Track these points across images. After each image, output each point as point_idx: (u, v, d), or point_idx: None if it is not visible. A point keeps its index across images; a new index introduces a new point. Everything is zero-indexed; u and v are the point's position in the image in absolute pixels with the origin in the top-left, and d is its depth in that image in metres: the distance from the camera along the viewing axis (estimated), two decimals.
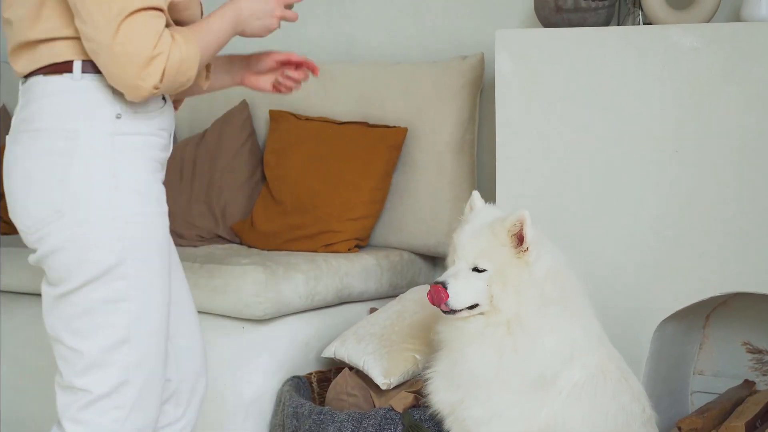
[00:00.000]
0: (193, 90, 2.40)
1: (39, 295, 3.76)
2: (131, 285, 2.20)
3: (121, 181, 2.15)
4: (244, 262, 3.53)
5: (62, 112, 2.13)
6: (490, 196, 3.13)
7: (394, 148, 3.89)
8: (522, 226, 2.65)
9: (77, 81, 2.13)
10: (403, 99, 3.97)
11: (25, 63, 2.18)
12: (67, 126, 2.12)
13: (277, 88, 2.64)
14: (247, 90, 4.29)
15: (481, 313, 2.71)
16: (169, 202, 3.98)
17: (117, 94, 2.14)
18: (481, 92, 3.94)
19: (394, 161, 3.91)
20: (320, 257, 3.68)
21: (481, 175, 3.98)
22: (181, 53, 2.10)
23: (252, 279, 3.40)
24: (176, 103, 2.47)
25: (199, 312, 3.48)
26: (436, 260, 4.02)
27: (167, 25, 2.14)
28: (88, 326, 2.19)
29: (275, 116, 4.15)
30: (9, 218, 4.38)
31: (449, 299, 2.67)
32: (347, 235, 3.84)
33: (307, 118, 4.09)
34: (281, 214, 3.95)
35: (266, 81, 2.64)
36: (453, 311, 2.70)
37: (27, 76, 2.20)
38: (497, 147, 3.42)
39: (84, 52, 2.12)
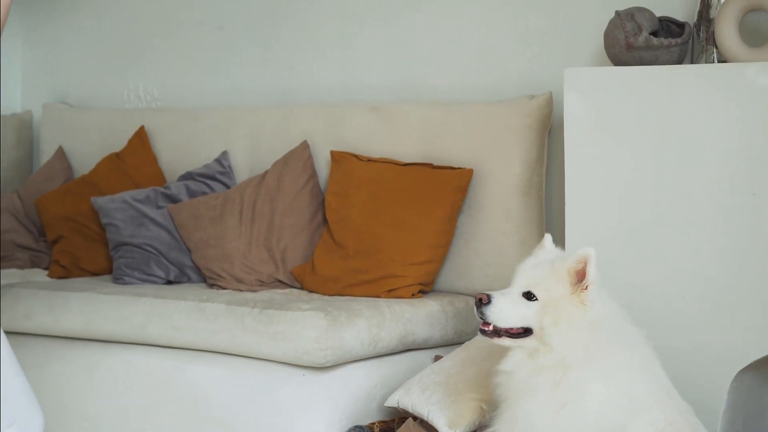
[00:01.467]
0: None
1: (95, 340, 3.84)
2: None
3: None
4: (304, 307, 3.55)
5: None
6: (558, 240, 3.13)
7: (459, 190, 3.91)
8: (586, 263, 2.72)
9: None
10: (469, 139, 3.99)
11: None
12: None
13: None
14: (308, 131, 4.35)
15: (529, 356, 2.74)
16: (227, 245, 4.05)
17: None
18: (549, 132, 3.96)
19: (459, 204, 3.93)
20: (383, 303, 3.70)
21: (549, 218, 3.98)
22: None
23: (313, 325, 3.43)
24: None
25: (258, 359, 3.53)
26: None
27: None
28: None
29: (337, 157, 4.19)
30: (65, 262, 4.50)
31: (490, 314, 2.75)
32: (411, 280, 3.86)
33: (370, 159, 4.12)
34: (343, 258, 3.98)
35: None
36: (495, 331, 2.77)
37: None
38: (566, 189, 3.43)
39: None
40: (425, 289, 3.92)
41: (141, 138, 4.80)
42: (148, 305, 3.79)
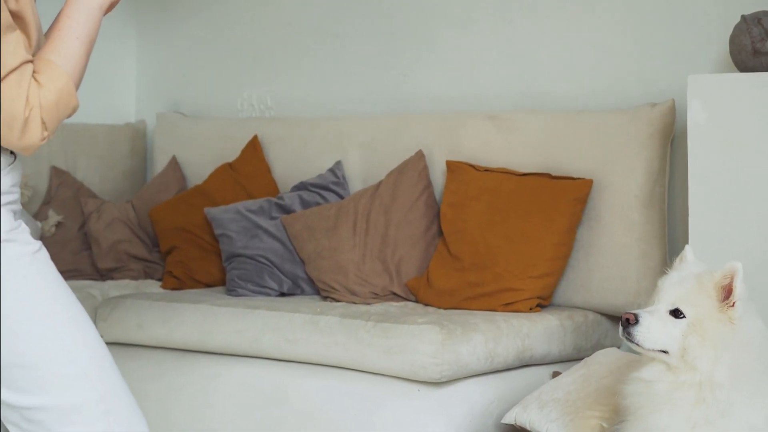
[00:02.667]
0: None
1: (208, 352, 3.91)
2: (49, 316, 2.25)
3: None
4: (420, 321, 3.58)
5: None
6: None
7: (578, 201, 3.91)
8: (732, 278, 2.67)
9: None
10: (588, 149, 3.99)
11: None
12: None
13: None
14: (423, 140, 4.37)
15: (669, 369, 2.71)
16: (341, 256, 4.08)
17: None
18: (671, 141, 3.93)
19: (578, 215, 3.93)
20: (500, 317, 3.72)
21: (671, 230, 3.96)
22: (51, 95, 2.16)
23: (428, 339, 3.46)
24: None
25: (373, 373, 3.57)
26: None
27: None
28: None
29: (453, 167, 4.22)
30: (178, 273, 4.59)
31: (638, 335, 2.71)
32: (528, 294, 3.87)
33: (487, 170, 4.14)
34: (459, 271, 4.00)
35: None
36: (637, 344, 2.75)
37: None
38: (690, 200, 3.41)
39: None
40: (543, 302, 3.93)
41: (254, 148, 4.88)
42: (261, 318, 3.86)
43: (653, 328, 2.72)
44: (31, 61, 2.15)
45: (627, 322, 2.74)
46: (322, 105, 5.02)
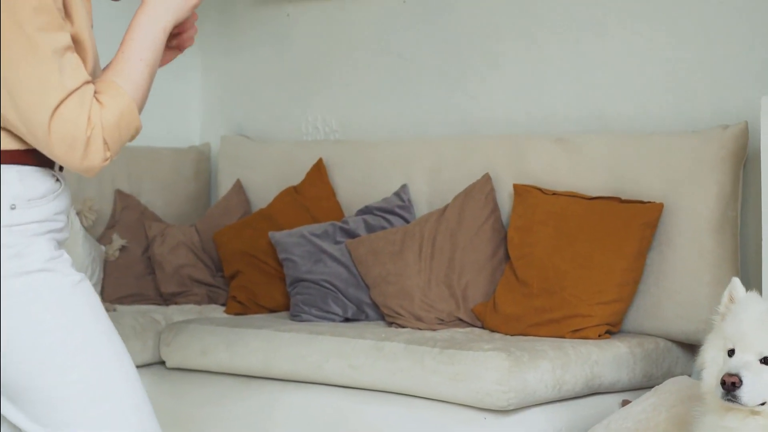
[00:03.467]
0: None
1: (272, 378, 3.94)
2: (90, 353, 2.26)
3: (27, 265, 2.20)
4: (486, 347, 3.59)
5: None
6: (755, 281, 3.10)
7: (648, 226, 3.90)
8: None
9: None
10: (658, 172, 3.98)
11: None
12: None
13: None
14: (490, 163, 4.38)
15: (753, 414, 2.68)
16: (406, 281, 4.09)
17: (8, 183, 2.20)
18: (744, 164, 3.91)
19: (648, 240, 3.92)
20: (568, 343, 3.72)
21: (744, 256, 3.93)
22: (113, 116, 2.17)
23: (495, 366, 3.47)
24: None
25: (438, 400, 3.58)
26: (694, 349, 3.98)
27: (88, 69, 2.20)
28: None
29: (520, 191, 4.22)
30: (242, 298, 4.63)
31: (744, 396, 2.64)
32: (597, 320, 3.86)
33: (554, 193, 4.14)
34: (526, 297, 4.01)
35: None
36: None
37: None
38: (763, 225, 3.39)
39: None
40: (612, 329, 3.92)
41: (319, 171, 4.91)
42: (325, 343, 3.89)
43: (757, 386, 2.65)
44: (92, 82, 2.18)
45: (733, 386, 2.64)
46: (387, 127, 5.05)
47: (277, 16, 5.44)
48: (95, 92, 2.17)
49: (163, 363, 4.32)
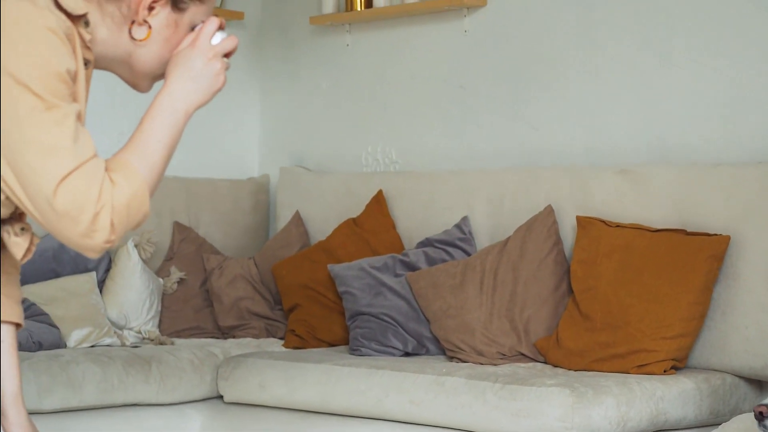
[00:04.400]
0: None
1: (331, 413, 3.97)
2: None
3: None
4: (549, 383, 3.59)
5: None
6: None
7: (715, 259, 3.89)
8: None
9: None
10: (725, 204, 3.97)
11: None
12: None
13: None
14: (553, 195, 4.39)
15: None
16: (467, 315, 4.10)
17: None
18: None
19: (715, 273, 3.91)
20: (633, 379, 3.71)
21: None
22: (124, 196, 2.02)
23: (558, 402, 3.47)
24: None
25: None
26: (762, 385, 3.96)
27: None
28: None
29: (583, 223, 4.23)
30: (301, 331, 4.66)
31: None
32: (663, 355, 3.85)
33: (618, 225, 4.14)
34: (589, 331, 4.01)
35: None
36: None
37: None
38: None
39: None
40: (678, 365, 3.91)
41: (379, 203, 4.94)
42: (385, 378, 3.90)
43: None
44: (100, 158, 2.04)
45: (761, 415, 2.70)
46: (448, 158, 5.07)
47: (337, 47, 5.49)
48: (107, 169, 2.03)
49: (220, 397, 4.35)
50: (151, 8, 2.11)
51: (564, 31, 4.72)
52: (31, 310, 4.39)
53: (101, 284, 4.83)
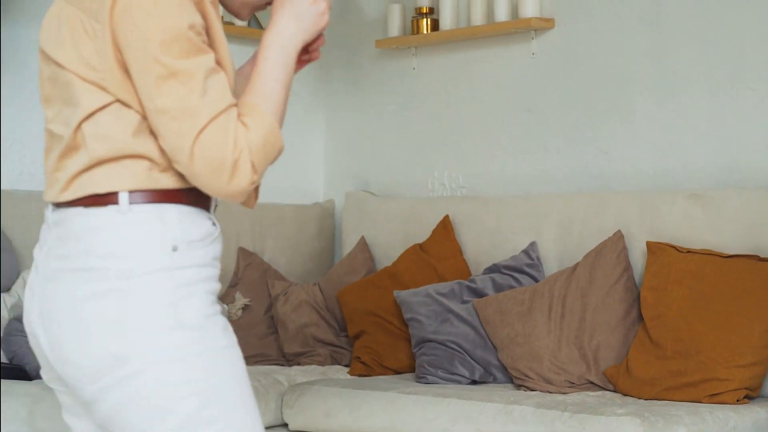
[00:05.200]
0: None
1: None
2: (224, 426, 2.21)
3: (184, 318, 2.18)
4: (619, 412, 3.58)
5: (113, 251, 2.17)
6: None
7: None
8: None
9: (125, 214, 2.19)
10: None
11: (55, 192, 2.24)
12: (120, 265, 2.16)
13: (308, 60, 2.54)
14: (622, 220, 4.39)
15: None
16: (535, 342, 4.10)
17: (168, 224, 2.20)
18: None
19: None
20: (704, 408, 3.69)
21: None
22: (258, 137, 2.18)
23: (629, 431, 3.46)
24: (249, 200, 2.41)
25: None
26: None
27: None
28: None
29: (653, 248, 4.22)
30: (366, 359, 4.68)
31: None
32: (735, 384, 3.83)
33: (689, 251, 4.13)
34: (660, 359, 3.99)
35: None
36: None
37: (59, 205, 2.25)
38: None
39: (133, 179, 2.19)
40: (752, 394, 3.88)
41: (445, 228, 4.95)
42: (452, 406, 3.91)
43: None
44: (236, 105, 2.20)
45: None
46: (515, 183, 5.08)
47: (403, 70, 5.52)
48: (238, 115, 2.19)
49: (285, 425, 4.37)
50: None
51: (634, 53, 4.71)
52: None
53: None
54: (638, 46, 4.70)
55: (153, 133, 2.19)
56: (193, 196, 2.24)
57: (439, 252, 4.92)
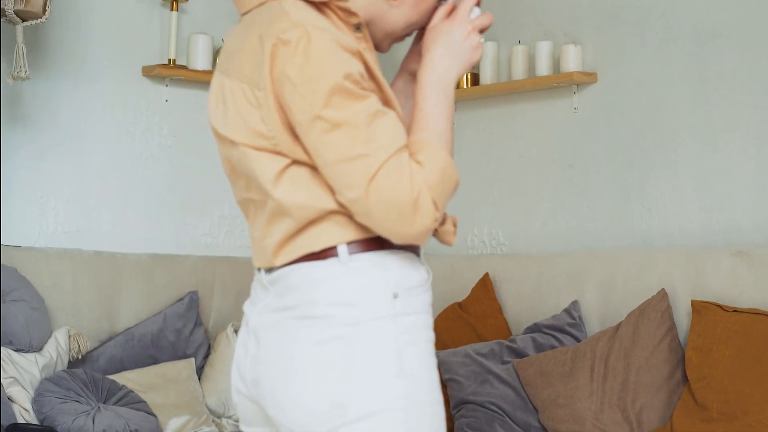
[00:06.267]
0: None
1: None
2: None
3: (406, 366, 2.21)
4: None
5: (339, 299, 2.21)
6: None
7: None
8: None
9: (346, 264, 2.22)
10: None
11: (267, 257, 2.28)
12: (347, 312, 2.20)
13: None
14: (666, 278, 4.36)
15: None
16: (578, 404, 4.08)
17: (389, 271, 2.24)
18: None
19: None
20: None
21: None
22: (434, 172, 2.20)
23: None
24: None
25: None
26: None
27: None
28: None
29: (699, 307, 4.19)
30: None
31: None
32: None
33: (736, 310, 4.10)
34: (706, 422, 3.96)
35: None
36: None
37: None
38: None
39: (346, 231, 2.22)
40: None
41: (485, 286, 4.94)
42: None
43: None
44: (407, 145, 2.21)
45: None
46: (557, 240, 5.07)
47: None
48: (410, 154, 2.21)
49: None
50: None
51: (678, 105, 4.70)
52: (128, 398, 4.46)
53: (200, 371, 4.88)
54: (683, 97, 4.69)
55: None
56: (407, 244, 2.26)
57: (478, 311, 4.91)
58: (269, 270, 2.29)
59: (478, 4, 2.36)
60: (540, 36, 5.19)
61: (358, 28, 2.29)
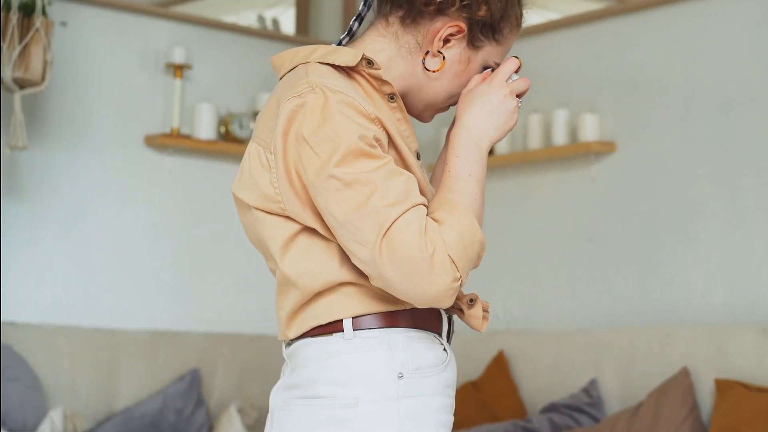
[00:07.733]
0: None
1: None
2: None
3: None
4: None
5: (339, 378, 2.18)
6: None
7: None
8: None
9: (350, 341, 2.19)
10: None
11: (282, 330, 2.28)
12: (346, 393, 2.17)
13: None
14: (689, 355, 4.34)
15: None
16: None
17: (395, 350, 2.19)
18: None
19: None
20: None
21: None
22: (454, 230, 2.13)
23: None
24: None
25: None
26: None
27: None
28: None
29: (722, 386, 4.17)
30: None
31: None
32: None
33: (760, 389, 4.08)
34: None
35: None
36: None
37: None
38: None
39: (355, 304, 2.19)
40: None
41: (500, 364, 4.93)
42: None
43: None
44: (425, 204, 2.16)
45: None
46: (574, 316, 5.05)
47: None
48: (430, 212, 2.16)
49: None
50: (446, 40, 2.28)
51: (701, 176, 4.69)
52: None
53: None
54: (705, 168, 4.67)
55: None
56: (421, 319, 2.23)
57: (493, 390, 4.89)
58: (288, 343, 2.28)
59: (516, 71, 2.33)
60: (557, 104, 5.19)
61: (392, 98, 2.28)
